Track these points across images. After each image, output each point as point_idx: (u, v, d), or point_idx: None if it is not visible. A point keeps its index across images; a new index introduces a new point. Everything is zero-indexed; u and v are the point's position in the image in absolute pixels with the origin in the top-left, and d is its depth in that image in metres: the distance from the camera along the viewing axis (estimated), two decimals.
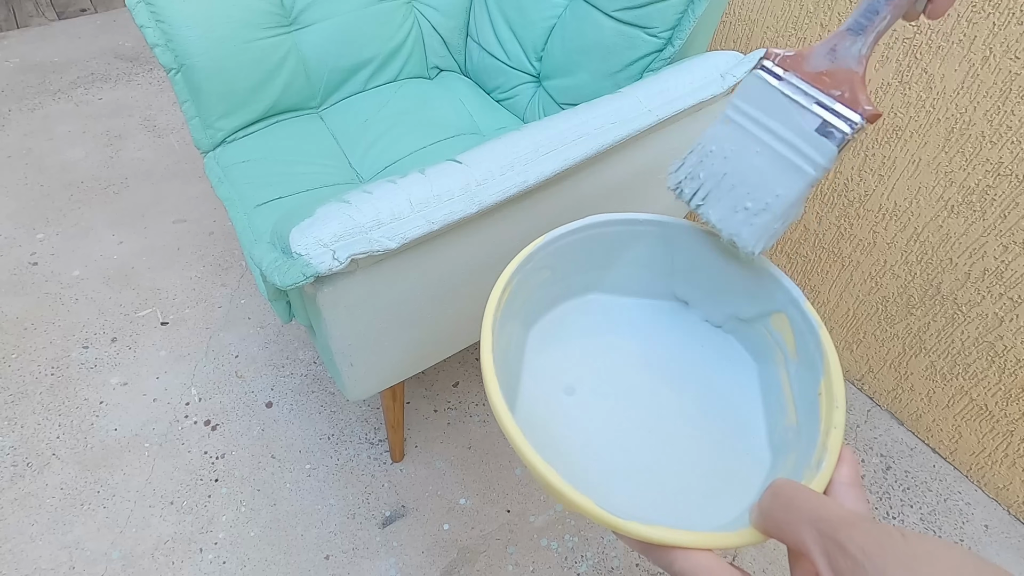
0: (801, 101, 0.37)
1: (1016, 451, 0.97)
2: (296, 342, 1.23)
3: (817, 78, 0.37)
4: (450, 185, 0.65)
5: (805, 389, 0.41)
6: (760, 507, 0.30)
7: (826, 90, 0.36)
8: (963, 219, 0.91)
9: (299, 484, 1.03)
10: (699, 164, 0.43)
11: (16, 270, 1.34)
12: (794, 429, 0.40)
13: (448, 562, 0.95)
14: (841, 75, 0.36)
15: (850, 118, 0.36)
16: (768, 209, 0.39)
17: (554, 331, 0.49)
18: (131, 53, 2.01)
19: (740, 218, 0.41)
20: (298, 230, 0.60)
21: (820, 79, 0.37)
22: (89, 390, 1.14)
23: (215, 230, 1.45)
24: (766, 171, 0.39)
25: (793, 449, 0.39)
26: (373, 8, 1.08)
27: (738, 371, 0.47)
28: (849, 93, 0.36)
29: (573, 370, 0.47)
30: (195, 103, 0.97)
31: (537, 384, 0.45)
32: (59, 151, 1.64)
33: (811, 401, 0.39)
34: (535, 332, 0.48)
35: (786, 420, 0.42)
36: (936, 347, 1.02)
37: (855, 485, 0.32)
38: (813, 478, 0.33)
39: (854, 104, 0.36)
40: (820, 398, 0.38)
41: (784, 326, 0.44)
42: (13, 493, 1.00)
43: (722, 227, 0.42)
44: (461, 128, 1.05)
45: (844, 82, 0.36)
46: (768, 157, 0.39)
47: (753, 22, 1.08)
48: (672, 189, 0.45)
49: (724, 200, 0.42)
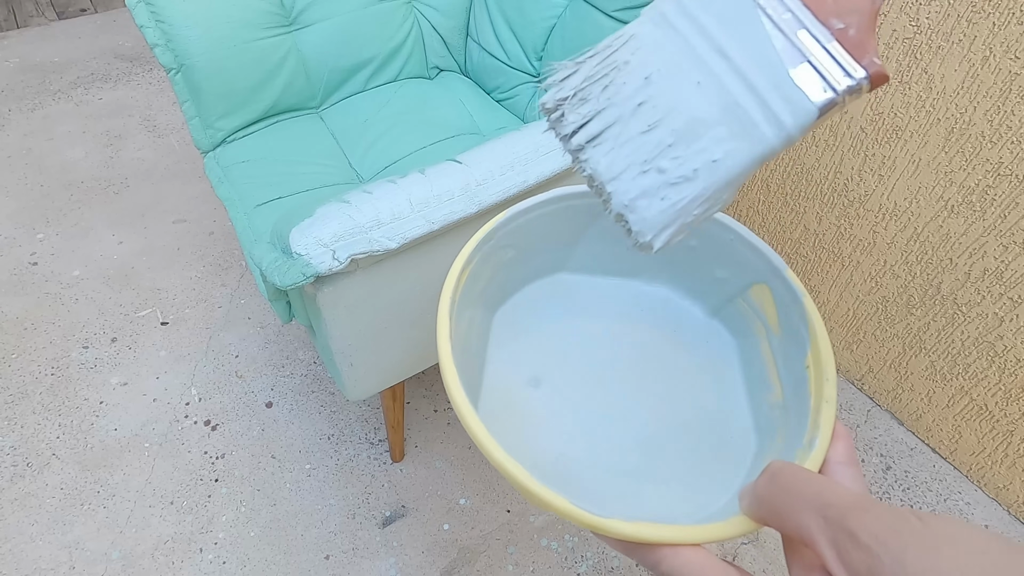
0: (782, 24, 0.24)
1: (1016, 451, 0.97)
2: (296, 342, 1.23)
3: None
4: (450, 185, 0.65)
5: (791, 363, 0.37)
6: (755, 492, 0.27)
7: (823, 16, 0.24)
8: (963, 219, 0.91)
9: (299, 484, 1.03)
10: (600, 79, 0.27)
11: (16, 270, 1.34)
12: (780, 406, 0.37)
13: (448, 562, 0.95)
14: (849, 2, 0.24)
15: (848, 69, 0.23)
16: (694, 179, 0.25)
17: (520, 316, 0.45)
18: (131, 53, 2.01)
19: (646, 182, 0.26)
20: (298, 230, 0.60)
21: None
22: (89, 390, 1.14)
23: (215, 230, 1.45)
24: (704, 118, 0.25)
25: (781, 429, 0.36)
26: (373, 8, 1.08)
27: (716, 349, 0.44)
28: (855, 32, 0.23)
29: (540, 359, 0.43)
30: (195, 103, 0.97)
31: (503, 374, 0.42)
32: (59, 151, 1.64)
33: (798, 375, 0.36)
34: (500, 317, 0.45)
35: (772, 397, 0.39)
36: (936, 347, 1.02)
37: (851, 463, 0.30)
38: (806, 458, 0.30)
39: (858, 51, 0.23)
40: (808, 371, 0.35)
41: (765, 298, 0.40)
42: (13, 493, 1.00)
43: (612, 190, 0.26)
44: (461, 128, 1.05)
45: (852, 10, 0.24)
46: (712, 96, 0.25)
47: None
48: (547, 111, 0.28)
49: (626, 147, 0.26)
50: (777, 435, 0.36)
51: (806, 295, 0.37)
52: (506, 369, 0.42)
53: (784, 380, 0.38)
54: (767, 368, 0.40)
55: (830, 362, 0.34)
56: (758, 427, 0.39)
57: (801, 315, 0.37)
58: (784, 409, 0.37)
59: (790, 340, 0.38)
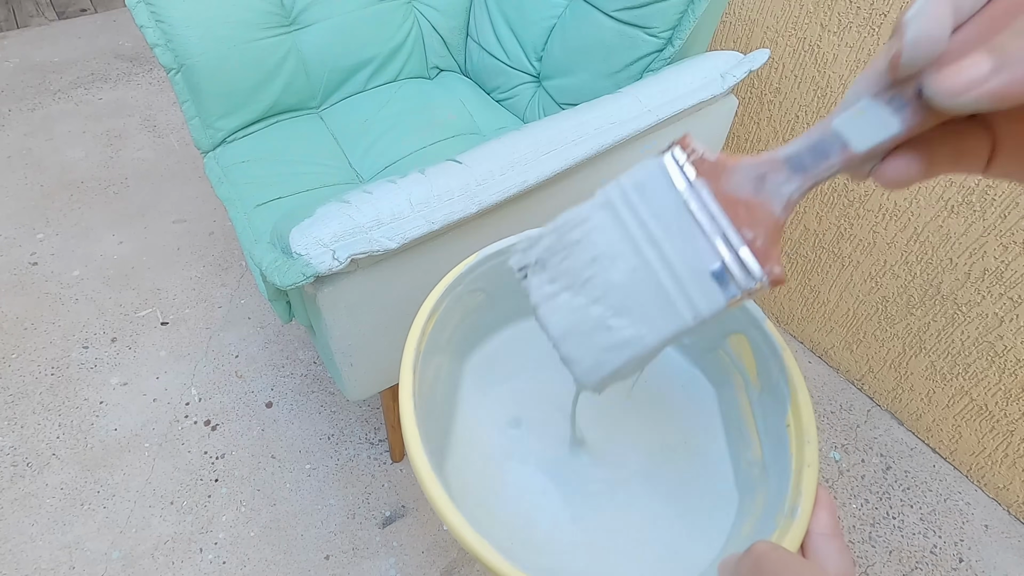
0: (705, 225, 0.28)
1: (1016, 451, 0.97)
2: (296, 342, 1.23)
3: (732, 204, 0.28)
4: (450, 185, 0.65)
5: (770, 419, 0.36)
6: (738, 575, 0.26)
7: (738, 226, 0.28)
8: (963, 219, 0.91)
9: (299, 484, 1.03)
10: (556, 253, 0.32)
11: (16, 270, 1.34)
12: (760, 464, 0.36)
13: (448, 562, 0.95)
14: (761, 213, 0.28)
15: (753, 272, 0.28)
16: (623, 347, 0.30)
17: (495, 361, 0.44)
18: (131, 53, 2.01)
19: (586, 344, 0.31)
20: (298, 230, 0.60)
21: (735, 207, 0.28)
22: (89, 390, 1.14)
23: (215, 230, 1.45)
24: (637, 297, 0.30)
25: (761, 488, 0.35)
26: (373, 8, 1.08)
27: (696, 398, 0.43)
28: (762, 242, 0.28)
29: (518, 402, 0.42)
30: (195, 103, 0.97)
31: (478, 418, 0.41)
32: (59, 151, 1.64)
33: (778, 434, 0.35)
34: (473, 362, 0.44)
35: (751, 454, 0.38)
36: (936, 347, 1.02)
37: (835, 535, 0.29)
38: (789, 527, 0.29)
39: (763, 257, 0.28)
40: (788, 430, 0.34)
41: (744, 348, 0.39)
42: (13, 493, 1.00)
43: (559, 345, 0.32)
44: (461, 128, 1.05)
45: (761, 224, 0.28)
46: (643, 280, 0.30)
47: (753, 22, 1.08)
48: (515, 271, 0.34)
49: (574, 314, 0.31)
50: (757, 495, 0.35)
51: (785, 349, 0.36)
52: (482, 413, 0.41)
53: (763, 437, 0.37)
54: (746, 423, 0.39)
55: (811, 422, 0.33)
56: (738, 483, 0.38)
57: (781, 369, 0.36)
58: (763, 468, 0.36)
59: (770, 395, 0.37)
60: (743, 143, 1.20)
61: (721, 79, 0.83)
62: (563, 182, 0.73)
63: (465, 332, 0.43)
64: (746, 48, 1.12)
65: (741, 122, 1.18)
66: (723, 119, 0.90)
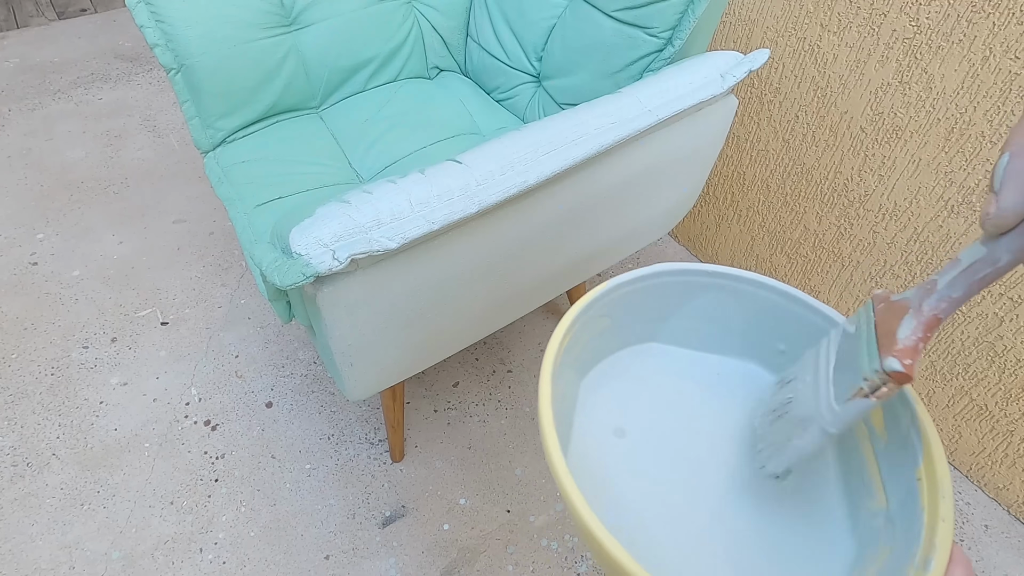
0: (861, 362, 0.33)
1: (1016, 451, 0.97)
2: (296, 342, 1.23)
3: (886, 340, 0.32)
4: (450, 185, 0.65)
5: (898, 471, 0.36)
6: None
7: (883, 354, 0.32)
8: (963, 219, 0.91)
9: (299, 484, 1.03)
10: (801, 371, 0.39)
11: (16, 270, 1.34)
12: (884, 515, 0.36)
13: (448, 562, 0.95)
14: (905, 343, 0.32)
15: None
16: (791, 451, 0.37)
17: (607, 375, 0.46)
18: (131, 53, 2.01)
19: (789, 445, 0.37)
20: (298, 230, 0.60)
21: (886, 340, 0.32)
22: (89, 390, 1.14)
23: (215, 230, 1.45)
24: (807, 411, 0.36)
25: (885, 540, 0.35)
26: (373, 8, 1.08)
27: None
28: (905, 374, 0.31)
29: (625, 410, 0.44)
30: (195, 103, 0.97)
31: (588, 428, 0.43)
32: (59, 151, 1.64)
33: (908, 486, 0.35)
34: (589, 378, 0.46)
35: (873, 504, 0.37)
36: (936, 347, 1.02)
37: None
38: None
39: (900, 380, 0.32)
40: (920, 484, 0.34)
41: None
42: (13, 493, 1.00)
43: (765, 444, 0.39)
44: (461, 128, 1.05)
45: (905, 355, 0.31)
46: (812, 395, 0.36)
47: (753, 22, 1.08)
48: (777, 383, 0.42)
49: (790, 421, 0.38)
50: (880, 547, 0.35)
51: (918, 401, 0.36)
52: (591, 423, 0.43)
53: (889, 488, 0.37)
54: (868, 470, 0.39)
55: (946, 476, 0.33)
56: (856, 532, 0.38)
57: (912, 420, 0.35)
58: (888, 519, 0.35)
59: (898, 446, 0.37)
60: (743, 143, 1.20)
61: (721, 79, 0.83)
62: (563, 182, 0.73)
63: (588, 352, 0.45)
64: (746, 48, 1.12)
65: (741, 122, 1.18)
66: (723, 119, 0.90)
